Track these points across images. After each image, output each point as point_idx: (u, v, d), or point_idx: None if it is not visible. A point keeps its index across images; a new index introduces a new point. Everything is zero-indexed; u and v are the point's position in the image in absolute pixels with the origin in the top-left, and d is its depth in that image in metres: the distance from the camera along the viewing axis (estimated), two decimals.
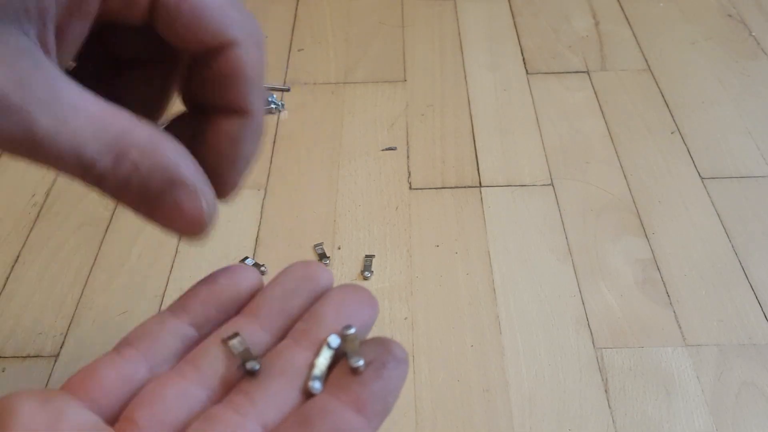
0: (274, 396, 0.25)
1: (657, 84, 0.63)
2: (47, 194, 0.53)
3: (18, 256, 0.49)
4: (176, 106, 0.29)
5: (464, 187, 0.53)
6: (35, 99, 0.21)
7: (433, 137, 0.58)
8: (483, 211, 0.51)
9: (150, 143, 0.24)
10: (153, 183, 0.24)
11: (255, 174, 0.54)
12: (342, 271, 0.48)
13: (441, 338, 0.44)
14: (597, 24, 0.70)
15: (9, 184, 0.55)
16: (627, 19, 0.71)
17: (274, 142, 0.58)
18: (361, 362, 0.25)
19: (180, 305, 0.28)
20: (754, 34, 0.68)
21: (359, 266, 0.48)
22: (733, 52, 0.66)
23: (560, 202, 0.52)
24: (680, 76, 0.64)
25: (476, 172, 0.55)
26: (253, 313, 0.28)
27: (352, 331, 0.26)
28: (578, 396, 0.40)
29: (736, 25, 0.70)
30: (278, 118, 0.60)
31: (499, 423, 0.39)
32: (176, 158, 0.24)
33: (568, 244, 0.49)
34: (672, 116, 0.59)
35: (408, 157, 0.56)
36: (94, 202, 0.53)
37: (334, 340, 0.27)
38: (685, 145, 0.57)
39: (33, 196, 0.53)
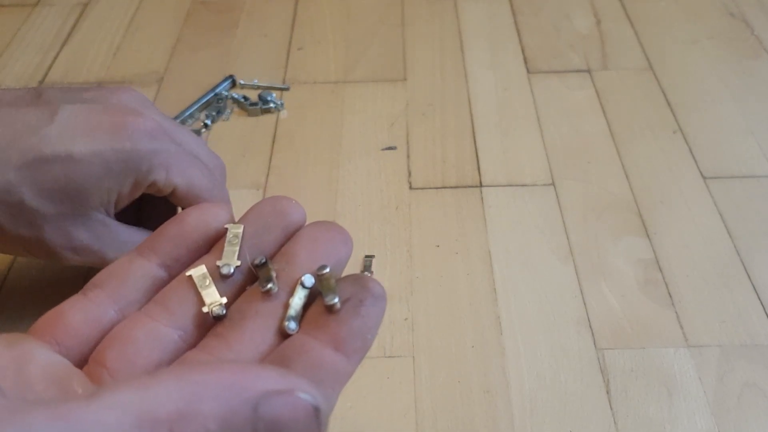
0: (250, 338, 0.25)
1: (659, 83, 0.62)
2: None
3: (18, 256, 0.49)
4: None
5: (465, 186, 0.53)
6: (105, 245, 0.38)
7: (433, 137, 0.58)
8: (483, 211, 0.51)
9: None
10: None
11: (254, 173, 0.54)
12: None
13: (441, 339, 0.43)
14: (598, 23, 0.70)
15: None
16: (629, 17, 0.70)
17: (274, 141, 0.57)
18: (336, 300, 0.25)
19: (148, 245, 0.27)
20: (756, 33, 0.68)
21: (359, 266, 0.47)
22: (735, 52, 0.66)
23: (561, 202, 0.52)
24: (682, 75, 0.63)
25: (477, 171, 0.54)
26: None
27: (327, 270, 0.25)
28: (579, 397, 0.40)
29: (738, 24, 0.69)
30: (277, 117, 0.60)
31: (500, 424, 0.39)
32: None
33: (569, 245, 0.49)
34: (674, 115, 0.59)
35: (408, 156, 0.56)
36: None
37: (308, 280, 0.26)
38: (687, 144, 0.56)
39: None
